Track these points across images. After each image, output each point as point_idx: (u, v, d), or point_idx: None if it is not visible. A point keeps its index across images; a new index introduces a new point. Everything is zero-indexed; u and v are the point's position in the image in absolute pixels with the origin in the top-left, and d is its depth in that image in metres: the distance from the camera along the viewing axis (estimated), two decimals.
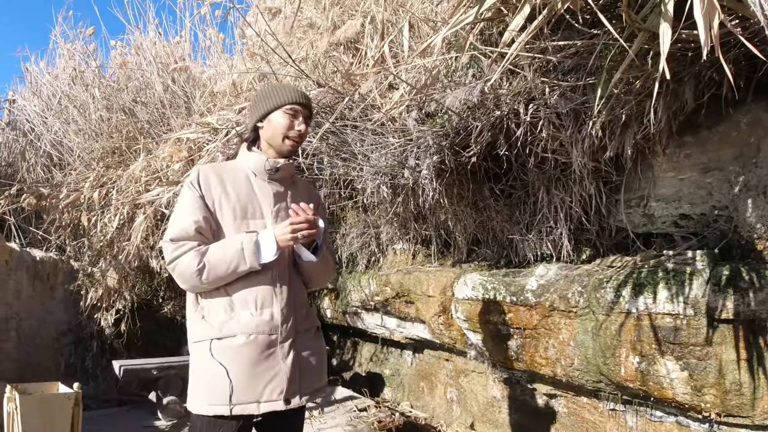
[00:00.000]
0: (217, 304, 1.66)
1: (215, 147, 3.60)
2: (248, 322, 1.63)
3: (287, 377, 1.63)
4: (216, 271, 1.61)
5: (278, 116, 1.71)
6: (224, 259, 1.61)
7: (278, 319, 1.66)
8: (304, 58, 4.09)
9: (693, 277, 2.16)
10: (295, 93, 1.74)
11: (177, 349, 4.84)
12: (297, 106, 1.71)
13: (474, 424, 3.53)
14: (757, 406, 2.01)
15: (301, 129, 1.72)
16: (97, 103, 4.68)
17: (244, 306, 1.65)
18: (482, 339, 3.06)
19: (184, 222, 1.65)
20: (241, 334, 1.61)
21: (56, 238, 4.15)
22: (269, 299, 1.66)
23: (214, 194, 1.68)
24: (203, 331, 1.65)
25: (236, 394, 1.58)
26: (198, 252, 1.62)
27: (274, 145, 1.74)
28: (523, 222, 3.19)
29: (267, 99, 1.73)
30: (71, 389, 2.53)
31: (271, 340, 1.63)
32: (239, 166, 1.77)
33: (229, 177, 1.72)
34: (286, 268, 1.72)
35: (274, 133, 1.72)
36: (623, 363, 2.37)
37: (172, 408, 3.74)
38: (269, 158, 1.73)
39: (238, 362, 1.59)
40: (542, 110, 2.38)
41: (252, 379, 1.60)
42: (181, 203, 1.70)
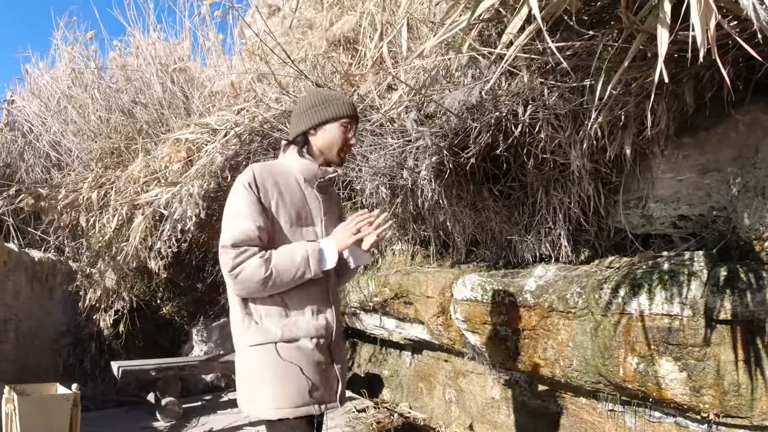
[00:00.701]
0: (272, 309, 1.65)
1: (214, 148, 3.59)
2: (307, 326, 1.67)
3: (338, 378, 1.73)
4: (282, 278, 1.59)
5: (335, 128, 1.73)
6: (291, 267, 1.60)
7: (332, 323, 1.72)
8: (303, 59, 4.09)
9: (691, 278, 2.16)
10: (350, 106, 1.78)
11: (175, 349, 4.85)
12: (349, 119, 1.75)
13: (473, 424, 3.53)
14: (755, 407, 2.02)
15: (353, 143, 1.77)
16: (96, 104, 4.67)
17: (300, 311, 1.67)
18: (481, 340, 3.06)
19: (245, 225, 1.59)
20: (303, 338, 1.65)
21: (55, 238, 4.14)
22: (321, 305, 1.71)
23: (271, 197, 1.65)
24: (260, 335, 1.64)
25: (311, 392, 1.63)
26: (263, 259, 1.58)
27: (327, 155, 1.76)
28: (522, 223, 3.19)
29: (323, 108, 1.73)
30: (69, 390, 2.53)
31: (326, 344, 1.70)
32: (288, 169, 1.75)
33: (282, 180, 1.70)
34: (334, 276, 1.79)
35: (330, 144, 1.74)
36: (622, 364, 2.37)
37: (170, 409, 3.73)
38: (321, 167, 1.75)
39: (305, 364, 1.64)
40: (541, 111, 2.39)
41: (317, 380, 1.66)
42: (237, 204, 1.62)
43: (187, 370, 3.95)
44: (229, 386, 4.58)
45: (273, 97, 3.73)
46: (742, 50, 1.32)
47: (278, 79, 3.83)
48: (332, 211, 1.82)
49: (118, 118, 4.64)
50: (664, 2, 1.25)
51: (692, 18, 1.05)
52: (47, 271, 4.00)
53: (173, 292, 5.00)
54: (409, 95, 2.87)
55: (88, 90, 4.82)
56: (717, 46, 1.13)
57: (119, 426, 3.63)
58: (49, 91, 4.93)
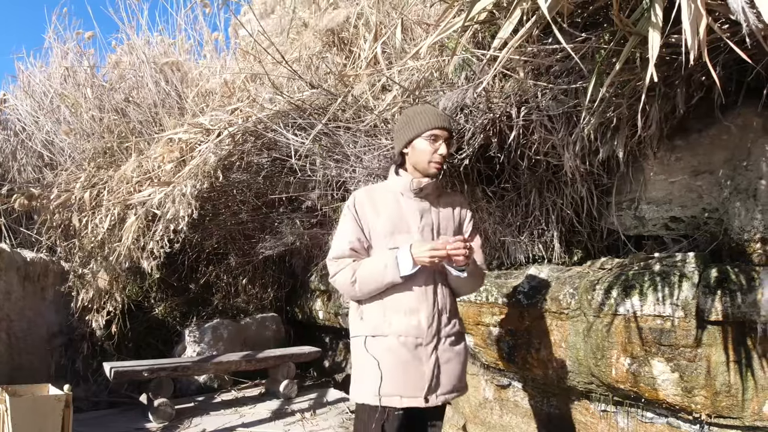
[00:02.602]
0: (374, 308, 1.90)
1: (207, 147, 3.58)
2: (398, 325, 1.85)
3: (429, 378, 1.82)
4: (366, 282, 1.87)
5: (421, 143, 1.89)
6: (371, 275, 1.86)
7: (424, 324, 1.85)
8: (297, 59, 4.09)
9: (683, 279, 2.17)
10: (434, 118, 1.89)
11: (168, 350, 4.82)
12: (437, 130, 1.87)
13: (466, 425, 3.53)
14: (747, 408, 2.03)
15: (442, 153, 1.88)
16: (89, 103, 4.64)
17: (395, 311, 1.87)
18: (474, 340, 3.06)
19: (342, 243, 1.94)
20: (392, 335, 1.85)
21: (47, 238, 4.11)
22: (416, 306, 1.86)
23: (367, 215, 1.93)
24: (360, 328, 1.93)
25: (384, 386, 1.80)
26: (351, 268, 1.89)
27: (420, 169, 1.92)
28: (515, 224, 3.20)
29: (409, 127, 1.92)
30: (61, 391, 2.51)
31: (417, 343, 1.84)
32: (389, 187, 2.00)
33: (380, 198, 1.96)
34: (433, 279, 1.90)
35: (419, 158, 1.91)
36: (614, 364, 2.38)
37: (163, 410, 3.71)
38: (414, 179, 1.92)
39: (388, 358, 1.82)
40: (534, 113, 2.39)
41: (398, 376, 1.81)
42: (341, 225, 1.99)
43: (179, 371, 3.93)
44: (222, 387, 4.57)
45: (267, 98, 3.72)
46: (733, 53, 1.33)
47: (272, 79, 3.83)
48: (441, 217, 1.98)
49: (111, 117, 4.61)
50: (656, 5, 1.26)
51: (683, 21, 1.07)
52: (39, 271, 3.96)
53: (166, 292, 4.97)
54: (404, 96, 2.87)
55: (81, 89, 4.78)
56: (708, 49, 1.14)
57: (111, 427, 3.60)
58: (41, 90, 4.89)
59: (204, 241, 4.84)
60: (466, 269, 1.86)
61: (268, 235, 4.65)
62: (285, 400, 4.32)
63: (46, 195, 3.84)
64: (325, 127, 3.25)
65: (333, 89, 3.52)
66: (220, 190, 4.04)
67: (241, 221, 4.59)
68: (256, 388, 4.57)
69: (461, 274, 1.86)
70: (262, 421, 3.82)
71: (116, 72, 4.95)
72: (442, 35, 1.67)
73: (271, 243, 4.60)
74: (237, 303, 5.22)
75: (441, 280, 1.94)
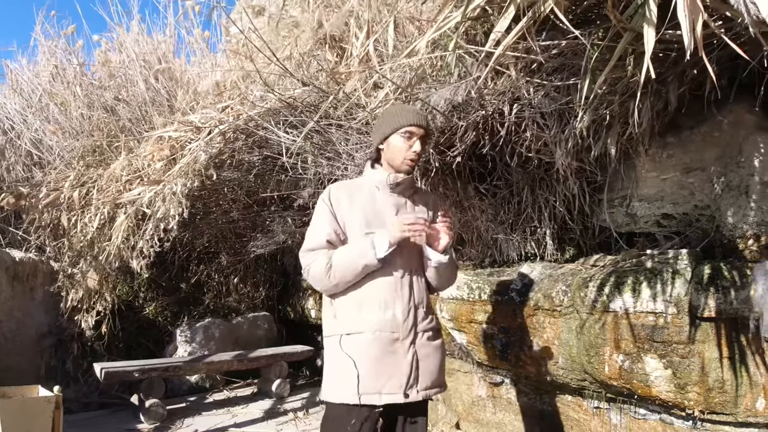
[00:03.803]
0: (347, 305, 1.87)
1: (198, 146, 3.54)
2: (373, 320, 1.82)
3: (407, 373, 1.80)
4: (340, 268, 1.82)
5: (396, 139, 1.89)
6: (347, 259, 1.83)
7: (400, 318, 1.83)
8: (289, 57, 4.06)
9: (675, 276, 2.18)
10: (410, 116, 1.89)
11: (159, 350, 4.79)
12: (412, 128, 1.87)
13: (459, 423, 3.54)
14: (740, 404, 2.04)
15: (416, 150, 1.87)
16: (78, 101, 4.59)
17: (369, 306, 1.84)
18: (467, 338, 3.06)
19: (318, 235, 1.91)
20: (367, 331, 1.81)
21: (36, 238, 4.06)
22: (391, 300, 1.84)
23: (343, 209, 1.91)
24: (334, 327, 1.89)
25: (362, 384, 1.77)
26: (326, 255, 1.86)
27: (394, 165, 1.91)
28: (508, 221, 3.20)
29: (386, 123, 1.92)
30: (51, 392, 2.48)
31: (394, 338, 1.82)
32: (365, 182, 1.99)
33: (356, 192, 1.95)
34: (409, 272, 1.89)
35: (394, 155, 1.90)
36: (607, 361, 2.38)
37: (154, 411, 3.69)
38: (391, 174, 1.92)
39: (364, 356, 1.79)
40: (527, 110, 2.39)
41: (375, 372, 1.78)
42: (315, 218, 1.96)
43: (171, 371, 3.90)
44: (214, 387, 4.54)
45: (258, 95, 3.69)
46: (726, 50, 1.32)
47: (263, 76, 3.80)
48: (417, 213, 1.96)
49: (101, 115, 4.56)
50: (650, 1, 1.25)
51: (679, 17, 1.06)
52: (28, 271, 3.92)
53: (156, 292, 4.94)
54: (396, 93, 2.85)
55: (70, 87, 4.73)
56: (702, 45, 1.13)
57: (102, 428, 3.59)
58: (29, 88, 4.83)
59: (195, 240, 4.80)
60: (448, 253, 1.87)
61: (259, 234, 4.62)
62: (277, 400, 4.30)
63: (34, 194, 3.80)
64: (316, 124, 3.24)
65: (325, 87, 3.50)
66: (211, 188, 4.01)
67: (232, 220, 4.56)
68: (249, 388, 4.57)
69: (443, 258, 1.86)
70: (255, 420, 3.80)
71: (106, 70, 4.90)
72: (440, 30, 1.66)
73: (263, 241, 4.57)
74: (228, 302, 5.19)
75: (417, 274, 1.93)
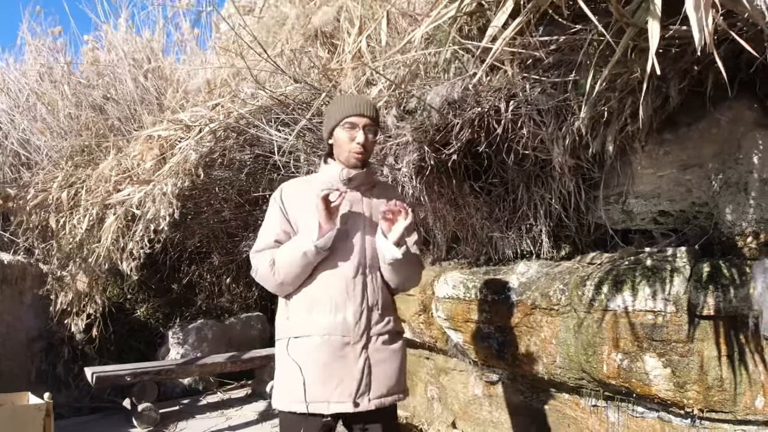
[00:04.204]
0: (299, 306, 1.78)
1: (188, 145, 3.49)
2: (323, 323, 1.72)
3: (357, 380, 1.70)
4: (282, 263, 1.75)
5: (339, 132, 1.82)
6: (287, 251, 1.76)
7: (351, 321, 1.73)
8: (280, 53, 4.01)
9: (674, 274, 2.16)
10: (350, 106, 1.81)
11: (151, 353, 4.75)
12: (353, 118, 1.79)
13: (455, 422, 3.53)
14: (739, 402, 2.02)
15: (360, 141, 1.78)
16: (66, 100, 4.53)
17: (320, 308, 1.74)
18: (464, 338, 3.04)
19: (267, 236, 1.85)
20: (315, 335, 1.72)
21: (24, 240, 4.00)
22: (342, 301, 1.74)
23: (294, 207, 1.84)
24: (284, 330, 1.81)
25: (309, 391, 1.68)
26: (271, 253, 1.80)
27: (342, 160, 1.84)
28: (503, 219, 3.18)
29: (329, 117, 1.87)
30: (41, 399, 2.43)
31: (344, 342, 1.72)
32: (318, 178, 1.91)
33: (308, 189, 1.84)
34: (363, 272, 1.79)
35: (340, 148, 1.83)
36: (605, 360, 2.36)
37: (147, 415, 3.65)
38: (344, 169, 1.82)
39: (312, 361, 1.70)
40: (523, 107, 2.36)
41: (324, 379, 1.69)
42: (266, 218, 1.90)
43: (163, 374, 3.86)
44: (208, 389, 4.51)
45: (249, 93, 3.64)
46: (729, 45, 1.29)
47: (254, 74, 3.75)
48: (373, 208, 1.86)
49: (89, 114, 4.50)
50: None
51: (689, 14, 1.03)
52: (17, 274, 3.86)
53: (148, 293, 4.89)
54: (389, 90, 2.82)
55: (57, 86, 4.66)
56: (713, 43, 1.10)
57: None
58: (16, 87, 4.75)
59: (186, 240, 4.75)
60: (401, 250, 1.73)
61: (251, 233, 4.58)
62: (272, 401, 4.28)
63: (22, 195, 3.73)
64: (309, 122, 3.19)
65: (317, 84, 3.46)
66: (202, 188, 3.96)
67: (223, 219, 4.52)
68: (242, 389, 4.54)
69: (396, 253, 1.73)
70: (249, 423, 3.77)
71: (94, 69, 4.83)
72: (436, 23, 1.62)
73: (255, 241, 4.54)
74: (221, 303, 5.15)
75: (372, 273, 1.81)
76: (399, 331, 1.89)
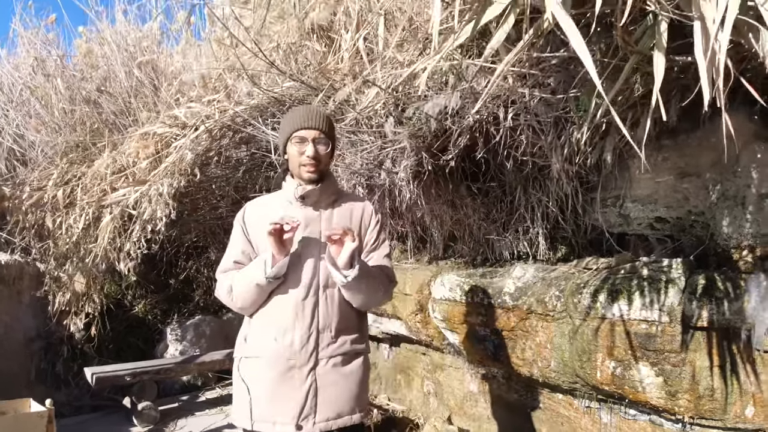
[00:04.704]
0: (255, 328, 1.80)
1: (184, 144, 3.47)
2: (271, 345, 1.73)
3: (301, 403, 1.70)
4: (239, 291, 1.77)
5: (290, 148, 1.81)
6: (242, 279, 1.76)
7: (297, 344, 1.73)
8: (276, 48, 3.97)
9: (669, 285, 2.18)
10: (297, 120, 1.79)
11: (150, 350, 4.78)
12: (301, 131, 1.78)
13: (451, 417, 3.57)
14: (729, 411, 2.06)
15: (309, 154, 1.77)
16: (59, 95, 4.47)
17: (269, 331, 1.75)
18: (460, 338, 3.07)
19: (228, 257, 1.87)
20: (263, 357, 1.74)
21: (20, 239, 3.99)
22: (291, 324, 1.74)
23: (254, 227, 1.84)
24: (239, 349, 1.84)
25: (254, 410, 1.72)
26: (230, 277, 1.82)
27: (296, 175, 1.84)
28: (500, 221, 3.19)
29: (281, 132, 1.86)
30: (43, 406, 2.46)
31: (289, 365, 1.72)
32: (280, 195, 1.91)
33: (268, 209, 1.85)
34: (315, 294, 1.77)
35: (292, 164, 1.83)
36: (599, 367, 2.40)
37: (147, 413, 3.69)
38: (300, 186, 1.82)
39: (258, 381, 1.74)
40: (522, 115, 2.35)
41: (269, 400, 1.71)
42: (231, 238, 1.92)
43: (162, 373, 3.88)
44: (206, 385, 4.54)
45: (244, 91, 3.61)
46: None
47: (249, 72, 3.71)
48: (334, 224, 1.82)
49: (83, 109, 4.45)
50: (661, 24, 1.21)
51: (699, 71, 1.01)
52: (15, 274, 3.86)
53: (146, 289, 4.90)
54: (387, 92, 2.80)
55: (51, 80, 4.60)
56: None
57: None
58: (9, 81, 4.69)
59: (182, 236, 4.75)
60: (351, 273, 1.69)
61: None
62: None
63: (18, 194, 3.71)
64: None
65: (313, 82, 3.43)
66: (198, 186, 3.94)
67: (220, 216, 4.51)
68: None
69: (344, 277, 1.70)
70: None
71: (87, 61, 4.77)
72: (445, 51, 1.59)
73: None
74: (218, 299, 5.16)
75: (327, 293, 1.78)
76: (358, 351, 1.84)
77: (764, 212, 1.98)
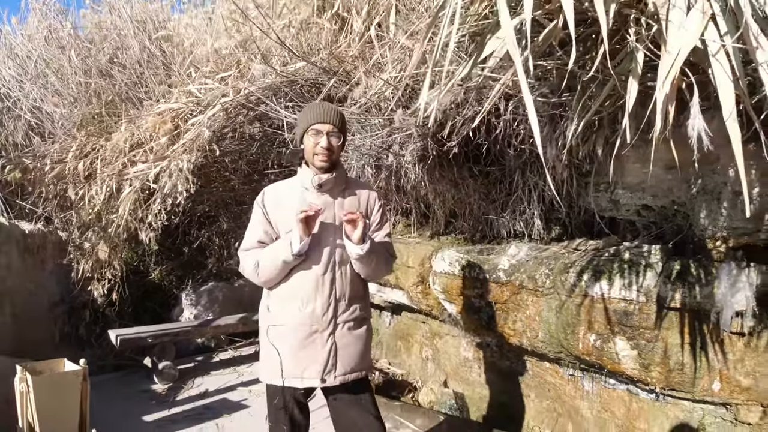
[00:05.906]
0: (276, 299, 2.06)
1: (201, 122, 3.61)
2: (294, 314, 2.00)
3: (323, 361, 1.99)
4: (265, 267, 2.00)
5: (306, 139, 2.03)
6: (269, 257, 2.00)
7: (319, 312, 2.00)
8: (288, 25, 4.05)
9: (647, 268, 2.40)
10: (315, 114, 2.01)
11: (166, 313, 5.00)
12: (317, 125, 2.00)
13: (447, 381, 3.81)
14: (697, 384, 2.30)
15: (323, 145, 1.99)
16: (74, 67, 4.56)
17: (292, 301, 2.01)
18: (457, 309, 3.28)
19: (251, 237, 2.09)
20: (288, 324, 2.01)
21: (43, 209, 4.15)
22: (312, 296, 2.00)
23: (274, 210, 2.07)
24: (265, 318, 2.10)
25: (285, 369, 1.99)
26: (255, 255, 2.05)
27: (311, 163, 2.05)
28: (499, 201, 3.37)
29: (299, 124, 2.07)
30: (77, 365, 2.68)
31: (312, 330, 2.00)
32: (296, 181, 2.12)
33: (286, 193, 2.09)
34: (333, 269, 2.03)
35: (307, 154, 2.04)
36: (581, 339, 2.62)
37: (167, 372, 3.91)
38: (316, 174, 2.03)
39: (287, 346, 2.00)
40: (521, 108, 2.52)
41: (296, 359, 1.99)
42: (251, 220, 2.13)
43: (181, 335, 4.12)
44: (219, 346, 4.77)
45: (258, 69, 3.72)
46: None
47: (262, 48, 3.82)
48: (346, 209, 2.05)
49: (98, 81, 4.55)
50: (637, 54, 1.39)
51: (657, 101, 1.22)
52: (38, 243, 4.02)
53: (161, 256, 5.09)
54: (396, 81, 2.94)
55: (65, 52, 4.68)
56: None
57: (118, 390, 3.79)
58: (24, 52, 4.76)
59: (196, 206, 4.91)
60: (364, 247, 1.96)
61: None
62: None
63: (39, 167, 3.87)
64: None
65: (325, 64, 3.55)
66: (214, 160, 4.10)
67: (232, 188, 4.67)
68: (251, 347, 4.78)
69: (359, 250, 1.96)
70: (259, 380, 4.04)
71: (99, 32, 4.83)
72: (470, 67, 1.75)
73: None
74: (230, 266, 5.34)
75: (341, 269, 2.04)
76: (365, 316, 2.15)
77: (737, 208, 2.17)
